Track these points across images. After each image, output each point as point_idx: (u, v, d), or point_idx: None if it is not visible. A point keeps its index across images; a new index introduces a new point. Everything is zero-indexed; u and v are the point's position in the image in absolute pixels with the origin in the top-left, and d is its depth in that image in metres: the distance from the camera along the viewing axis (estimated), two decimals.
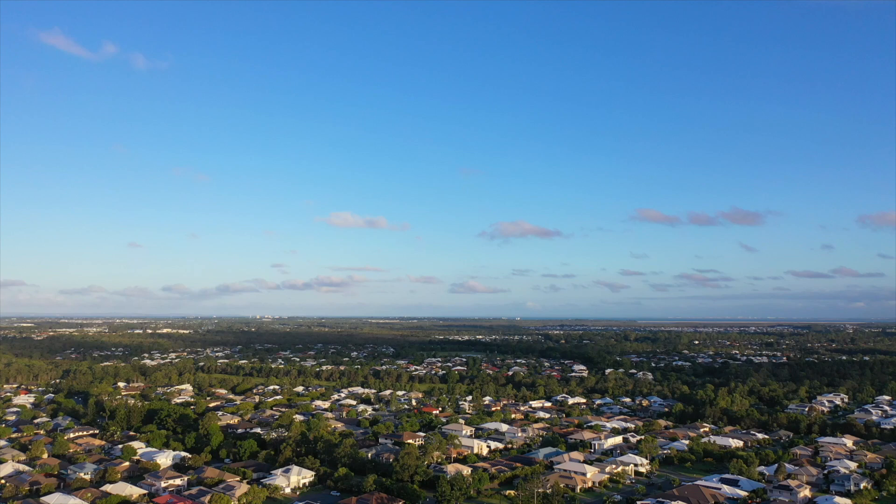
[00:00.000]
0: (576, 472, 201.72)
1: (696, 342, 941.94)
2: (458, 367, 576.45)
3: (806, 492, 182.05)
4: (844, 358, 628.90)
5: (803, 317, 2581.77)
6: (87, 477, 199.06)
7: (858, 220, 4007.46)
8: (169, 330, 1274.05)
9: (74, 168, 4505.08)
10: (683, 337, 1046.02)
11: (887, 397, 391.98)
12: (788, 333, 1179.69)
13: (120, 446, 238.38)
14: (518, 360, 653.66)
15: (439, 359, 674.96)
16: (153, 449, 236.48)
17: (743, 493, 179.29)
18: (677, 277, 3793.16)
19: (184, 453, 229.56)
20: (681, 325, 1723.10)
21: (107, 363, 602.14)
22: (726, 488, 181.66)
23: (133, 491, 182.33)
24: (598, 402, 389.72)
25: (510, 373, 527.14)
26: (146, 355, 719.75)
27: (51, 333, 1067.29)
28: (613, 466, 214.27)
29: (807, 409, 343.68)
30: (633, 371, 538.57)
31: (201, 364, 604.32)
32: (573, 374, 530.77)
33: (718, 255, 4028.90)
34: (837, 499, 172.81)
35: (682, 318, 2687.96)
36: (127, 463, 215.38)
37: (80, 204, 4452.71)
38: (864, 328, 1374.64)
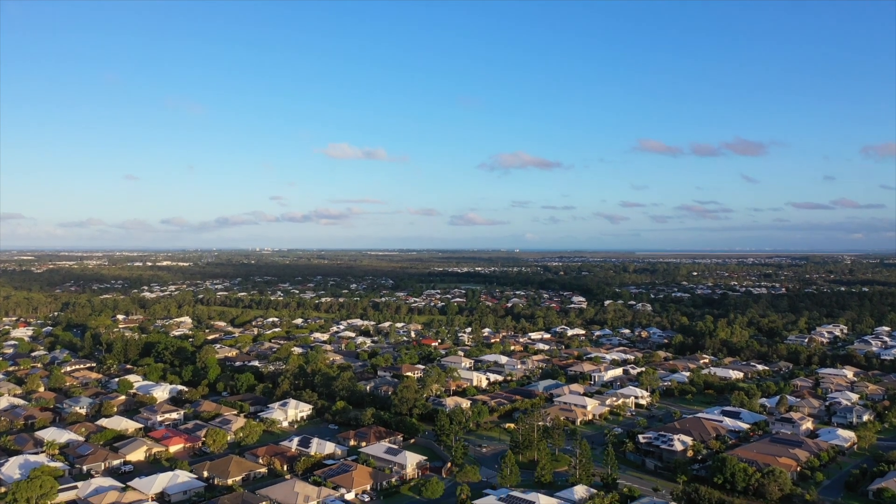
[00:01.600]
0: (576, 405, 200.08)
1: (695, 273, 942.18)
2: (458, 299, 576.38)
3: (808, 424, 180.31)
4: (843, 289, 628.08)
5: (801, 248, 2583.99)
6: (83, 411, 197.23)
7: (862, 151, 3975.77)
8: (168, 262, 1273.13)
9: (67, 98, 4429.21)
10: (682, 268, 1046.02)
11: (887, 328, 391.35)
12: (787, 265, 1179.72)
13: (116, 380, 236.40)
14: (517, 292, 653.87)
15: (438, 291, 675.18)
16: (150, 382, 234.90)
17: (745, 426, 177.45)
18: (677, 209, 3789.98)
19: (181, 386, 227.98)
20: (679, 257, 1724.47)
21: (106, 296, 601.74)
22: (728, 421, 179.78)
23: (129, 425, 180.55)
24: (598, 333, 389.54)
25: (509, 304, 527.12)
26: (145, 288, 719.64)
27: (50, 266, 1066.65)
28: (614, 399, 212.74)
29: (806, 341, 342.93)
30: (632, 302, 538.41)
31: (200, 296, 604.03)
32: (572, 305, 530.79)
33: (719, 186, 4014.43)
34: (840, 431, 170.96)
35: (680, 250, 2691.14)
36: (123, 396, 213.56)
37: (74, 135, 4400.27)
38: (862, 259, 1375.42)
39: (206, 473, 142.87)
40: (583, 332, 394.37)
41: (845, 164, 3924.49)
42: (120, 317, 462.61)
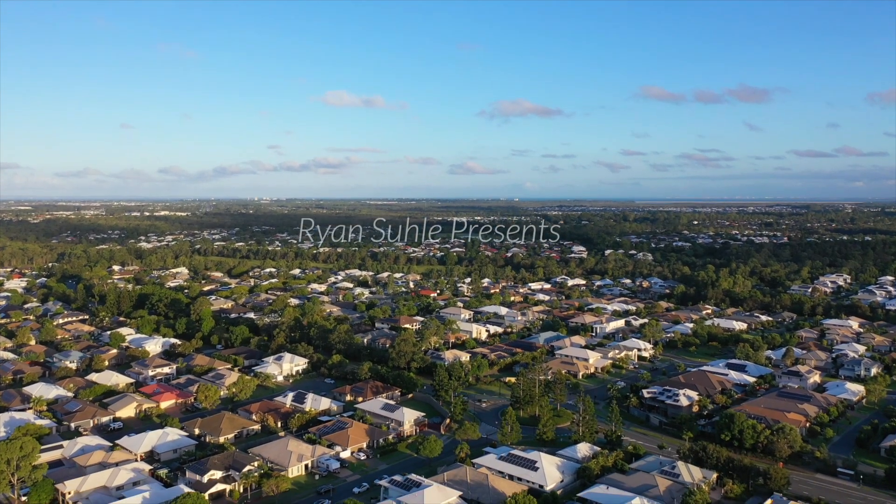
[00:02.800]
0: (578, 358, 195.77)
1: (696, 223, 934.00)
2: (457, 249, 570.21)
3: (815, 377, 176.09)
4: (845, 238, 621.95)
5: (801, 196, 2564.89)
6: (73, 365, 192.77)
7: (867, 98, 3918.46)
8: (166, 213, 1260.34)
9: (59, 45, 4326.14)
10: (683, 217, 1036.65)
11: (890, 277, 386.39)
12: (788, 213, 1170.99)
13: (108, 333, 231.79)
14: (517, 242, 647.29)
15: (437, 240, 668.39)
16: (143, 335, 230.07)
17: (751, 379, 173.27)
18: (678, 157, 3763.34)
19: (174, 340, 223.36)
20: (679, 206, 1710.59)
21: (102, 246, 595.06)
22: (734, 374, 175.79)
23: (119, 380, 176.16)
24: (598, 283, 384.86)
25: (509, 254, 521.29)
26: (143, 238, 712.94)
27: (47, 216, 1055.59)
28: (616, 351, 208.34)
29: (810, 290, 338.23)
30: (633, 252, 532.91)
31: (198, 247, 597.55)
32: (572, 255, 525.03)
33: (722, 134, 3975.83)
34: (849, 384, 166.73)
35: (680, 199, 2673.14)
36: (115, 350, 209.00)
37: (68, 84, 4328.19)
38: (863, 208, 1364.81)
39: (197, 431, 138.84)
40: (583, 282, 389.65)
41: (850, 111, 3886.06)
42: (116, 267, 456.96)
